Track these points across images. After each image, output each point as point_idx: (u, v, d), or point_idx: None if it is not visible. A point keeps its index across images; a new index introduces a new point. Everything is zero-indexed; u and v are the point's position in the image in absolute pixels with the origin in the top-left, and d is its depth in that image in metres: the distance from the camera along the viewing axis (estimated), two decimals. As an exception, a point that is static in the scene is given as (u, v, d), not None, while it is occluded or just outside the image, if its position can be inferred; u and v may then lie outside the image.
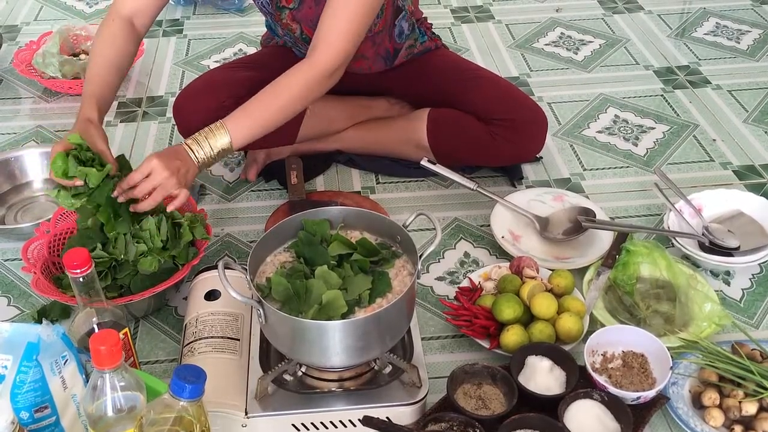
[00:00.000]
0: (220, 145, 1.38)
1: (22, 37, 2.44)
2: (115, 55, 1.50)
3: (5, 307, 1.51)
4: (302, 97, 1.43)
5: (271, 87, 1.42)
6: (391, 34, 1.67)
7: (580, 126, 2.00)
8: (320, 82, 1.43)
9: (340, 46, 1.43)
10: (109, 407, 1.00)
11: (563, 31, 2.43)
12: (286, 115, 1.43)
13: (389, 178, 1.82)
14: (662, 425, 1.27)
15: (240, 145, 1.40)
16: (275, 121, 1.42)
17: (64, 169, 1.33)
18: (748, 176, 1.82)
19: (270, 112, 1.41)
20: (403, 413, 1.21)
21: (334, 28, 1.42)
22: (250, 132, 1.40)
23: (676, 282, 1.46)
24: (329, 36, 1.43)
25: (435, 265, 1.59)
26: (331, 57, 1.42)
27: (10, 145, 1.95)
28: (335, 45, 1.42)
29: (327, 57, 1.42)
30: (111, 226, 1.38)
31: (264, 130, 1.42)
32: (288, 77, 1.42)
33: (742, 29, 2.41)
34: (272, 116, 1.41)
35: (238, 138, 1.38)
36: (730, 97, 2.10)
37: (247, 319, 1.33)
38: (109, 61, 1.49)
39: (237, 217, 1.72)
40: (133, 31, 1.53)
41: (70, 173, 1.33)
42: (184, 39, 2.43)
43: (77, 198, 1.36)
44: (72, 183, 1.34)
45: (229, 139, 1.38)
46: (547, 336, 1.34)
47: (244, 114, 1.40)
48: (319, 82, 1.43)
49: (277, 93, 1.41)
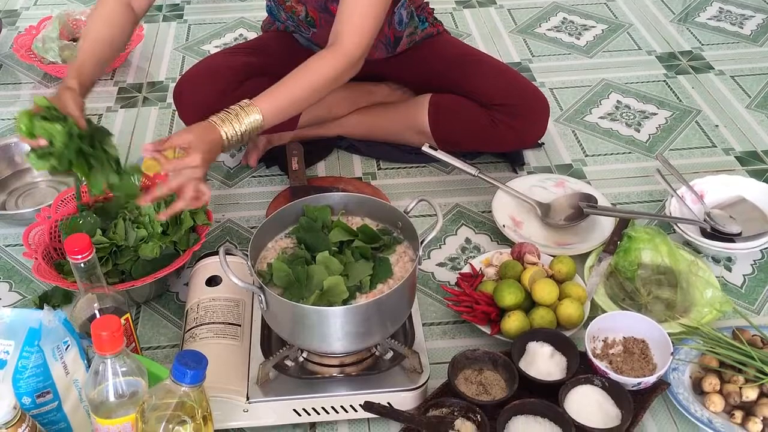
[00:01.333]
0: (249, 123, 1.33)
1: (21, 22, 2.43)
2: (109, 32, 1.47)
3: (7, 292, 1.52)
4: (330, 83, 1.42)
5: (299, 72, 1.40)
6: (391, 21, 1.67)
7: (582, 112, 1.99)
8: (346, 69, 1.43)
9: (365, 32, 1.43)
10: (110, 393, 1.00)
11: (565, 16, 2.42)
12: (313, 100, 1.43)
13: (390, 164, 1.82)
14: (663, 411, 1.27)
15: (270, 123, 1.37)
16: (304, 103, 1.42)
17: (29, 127, 1.26)
18: (750, 162, 1.81)
19: (298, 94, 1.39)
20: (404, 398, 1.21)
21: (356, 14, 1.42)
22: (280, 111, 1.38)
23: (678, 268, 1.46)
24: (352, 23, 1.42)
25: (436, 251, 1.59)
26: (356, 43, 1.42)
27: (10, 130, 1.95)
28: (360, 31, 1.42)
29: (353, 44, 1.42)
30: (94, 180, 1.31)
31: (293, 110, 1.41)
32: (315, 63, 1.41)
33: (745, 14, 2.40)
34: (301, 98, 1.40)
35: (269, 116, 1.36)
36: (733, 82, 2.09)
37: (248, 304, 1.33)
38: (102, 37, 1.45)
39: (238, 203, 1.72)
40: (130, 12, 1.51)
41: (35, 131, 1.26)
42: (185, 24, 2.41)
43: (45, 159, 1.28)
44: (36, 143, 1.27)
45: (260, 116, 1.34)
46: (548, 322, 1.34)
47: (272, 95, 1.38)
48: (345, 69, 1.43)
49: (306, 77, 1.40)
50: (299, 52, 1.74)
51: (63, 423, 1.11)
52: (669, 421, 1.26)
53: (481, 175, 1.66)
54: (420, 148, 1.69)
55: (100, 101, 2.05)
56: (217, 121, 1.31)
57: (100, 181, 1.32)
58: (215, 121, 1.32)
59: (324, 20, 1.61)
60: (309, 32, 1.64)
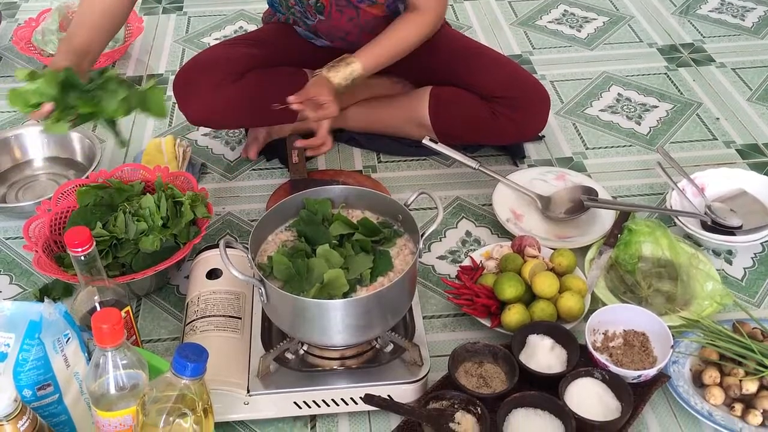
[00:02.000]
0: (352, 70, 1.53)
1: (21, 14, 2.42)
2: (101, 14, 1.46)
3: (7, 285, 1.52)
4: (420, 38, 1.61)
5: (393, 29, 1.58)
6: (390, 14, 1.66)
7: (582, 104, 1.99)
8: (435, 25, 1.63)
9: None
10: (111, 385, 1.00)
11: (566, 8, 2.41)
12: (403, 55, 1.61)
13: (391, 157, 1.81)
14: (663, 403, 1.28)
15: (368, 73, 1.56)
16: (396, 57, 1.60)
17: (24, 98, 1.24)
18: (751, 155, 1.81)
19: (392, 50, 1.58)
20: (405, 391, 1.21)
21: None
22: (376, 65, 1.57)
23: (678, 261, 1.46)
24: None
25: (436, 244, 1.59)
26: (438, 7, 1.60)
27: (10, 123, 1.95)
28: None
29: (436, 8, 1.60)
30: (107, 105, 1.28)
31: (386, 63, 1.59)
32: (405, 23, 1.59)
33: (746, 6, 2.39)
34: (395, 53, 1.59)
35: (368, 68, 1.56)
36: (734, 75, 2.08)
37: (248, 297, 1.33)
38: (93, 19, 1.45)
39: (238, 196, 1.72)
40: None
41: (31, 102, 1.24)
42: (184, 16, 2.41)
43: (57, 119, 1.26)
44: (41, 111, 1.26)
45: (360, 64, 1.53)
46: (549, 315, 1.34)
47: (370, 49, 1.56)
48: (434, 24, 1.62)
49: (399, 34, 1.58)
50: (300, 44, 1.74)
51: (64, 416, 1.11)
52: (669, 414, 1.26)
53: (482, 168, 1.66)
54: (420, 141, 1.69)
55: (100, 94, 2.04)
56: (326, 73, 1.53)
57: (113, 103, 1.31)
58: (325, 74, 1.53)
59: (335, 8, 1.60)
60: (315, 19, 1.64)
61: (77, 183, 1.51)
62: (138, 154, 1.75)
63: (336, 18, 1.59)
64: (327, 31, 1.66)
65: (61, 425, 1.11)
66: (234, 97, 1.61)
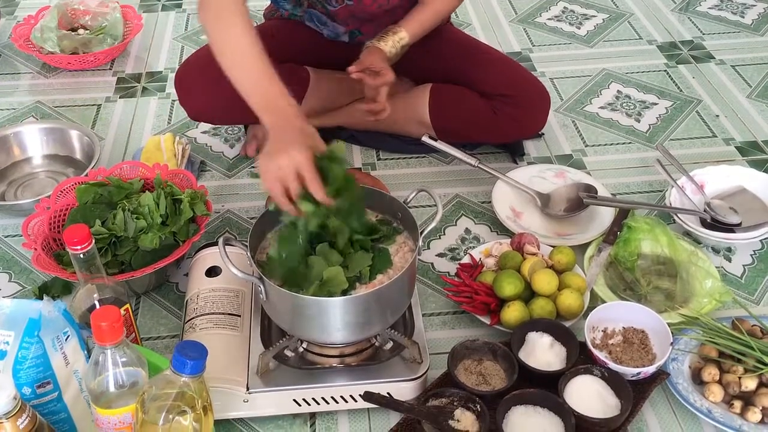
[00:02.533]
0: (400, 38, 1.60)
1: (20, 11, 2.42)
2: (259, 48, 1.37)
3: (6, 283, 1.52)
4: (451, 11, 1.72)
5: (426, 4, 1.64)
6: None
7: (582, 102, 1.99)
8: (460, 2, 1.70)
9: None
10: (111, 383, 1.00)
11: (566, 5, 2.41)
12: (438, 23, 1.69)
13: (390, 155, 1.81)
14: (662, 401, 1.28)
15: (414, 38, 1.63)
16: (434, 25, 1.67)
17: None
18: (750, 152, 1.81)
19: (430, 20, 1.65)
20: (404, 389, 1.21)
21: None
22: (421, 27, 1.64)
23: (678, 258, 1.46)
24: None
25: (436, 241, 1.59)
26: None
27: (9, 120, 1.94)
28: None
29: None
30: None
31: (427, 30, 1.65)
32: None
33: (746, 3, 2.39)
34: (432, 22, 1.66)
35: (414, 33, 1.62)
36: (733, 72, 2.08)
37: (248, 295, 1.33)
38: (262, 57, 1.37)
39: (237, 194, 1.72)
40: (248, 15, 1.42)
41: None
42: (184, 13, 2.40)
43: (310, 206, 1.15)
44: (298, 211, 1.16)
45: (406, 32, 1.61)
46: (548, 312, 1.34)
47: (411, 20, 1.63)
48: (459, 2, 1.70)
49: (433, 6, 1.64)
50: (302, 39, 1.74)
51: (63, 413, 1.11)
52: (668, 411, 1.26)
53: (481, 166, 1.66)
54: (420, 139, 1.69)
55: (99, 91, 2.04)
56: (376, 43, 1.60)
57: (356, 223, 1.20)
58: (376, 44, 1.59)
59: None
60: (341, 3, 1.62)
61: (76, 181, 1.51)
62: (137, 151, 1.75)
63: (367, 4, 1.60)
64: (347, 16, 1.66)
65: (60, 423, 1.11)
66: (234, 92, 1.60)
